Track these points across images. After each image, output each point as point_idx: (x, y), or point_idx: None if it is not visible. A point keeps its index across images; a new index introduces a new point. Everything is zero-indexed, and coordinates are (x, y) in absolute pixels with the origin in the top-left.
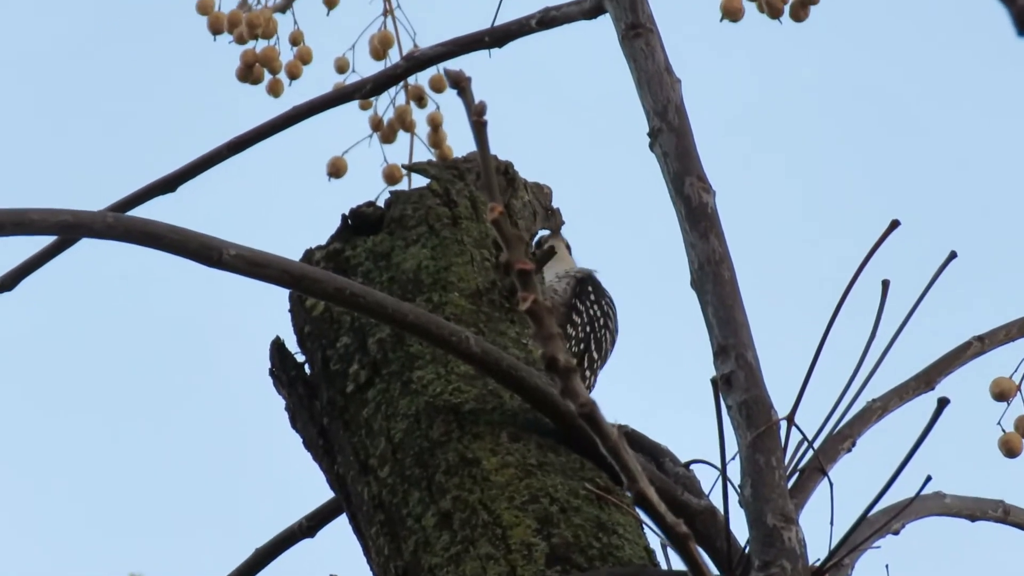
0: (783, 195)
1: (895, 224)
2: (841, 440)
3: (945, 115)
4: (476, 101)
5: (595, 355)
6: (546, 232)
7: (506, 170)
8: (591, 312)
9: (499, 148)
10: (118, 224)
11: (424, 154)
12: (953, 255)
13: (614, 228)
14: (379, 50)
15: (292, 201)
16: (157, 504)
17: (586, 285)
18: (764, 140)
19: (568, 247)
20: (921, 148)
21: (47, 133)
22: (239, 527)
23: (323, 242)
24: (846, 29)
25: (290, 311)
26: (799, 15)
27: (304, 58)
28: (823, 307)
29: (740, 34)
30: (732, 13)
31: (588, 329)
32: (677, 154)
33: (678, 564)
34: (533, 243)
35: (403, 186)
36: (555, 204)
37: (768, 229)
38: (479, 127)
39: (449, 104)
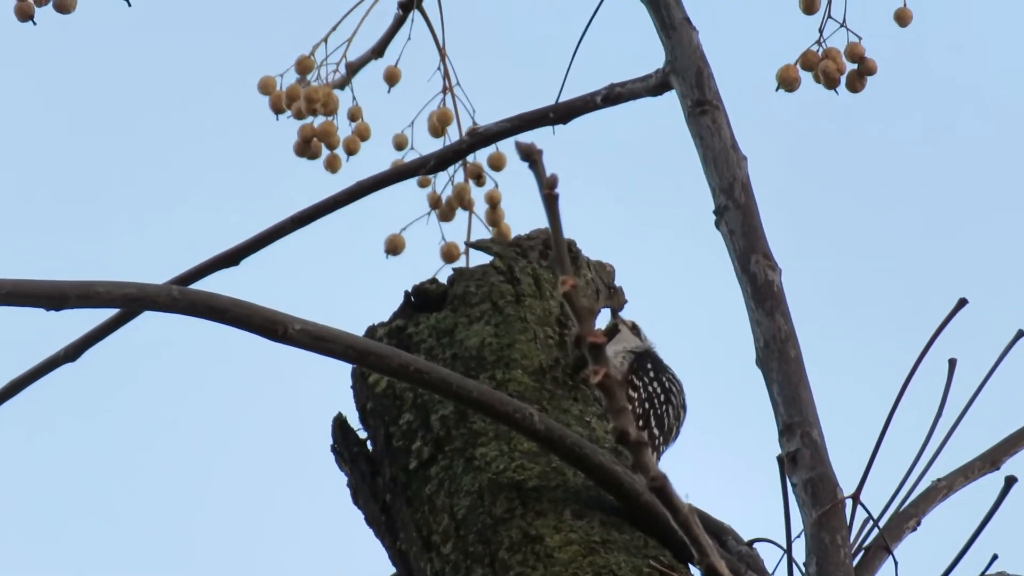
0: (849, 272)
1: (963, 303)
2: (906, 519)
3: (1014, 193)
4: (547, 174)
5: (655, 431)
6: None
7: (569, 248)
8: (649, 388)
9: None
10: (183, 298)
11: (481, 232)
12: (1021, 333)
13: (678, 306)
14: (437, 127)
15: (348, 277)
16: None
17: (644, 361)
18: (830, 216)
19: (635, 327)
20: (989, 226)
21: (111, 206)
22: None
23: (385, 318)
24: (911, 102)
25: (352, 387)
26: (855, 86)
27: (362, 134)
28: (890, 385)
29: (805, 108)
30: (788, 83)
31: (647, 405)
32: (743, 232)
33: None
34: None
35: (460, 264)
36: (618, 282)
37: (834, 306)
38: (551, 200)
39: (507, 182)
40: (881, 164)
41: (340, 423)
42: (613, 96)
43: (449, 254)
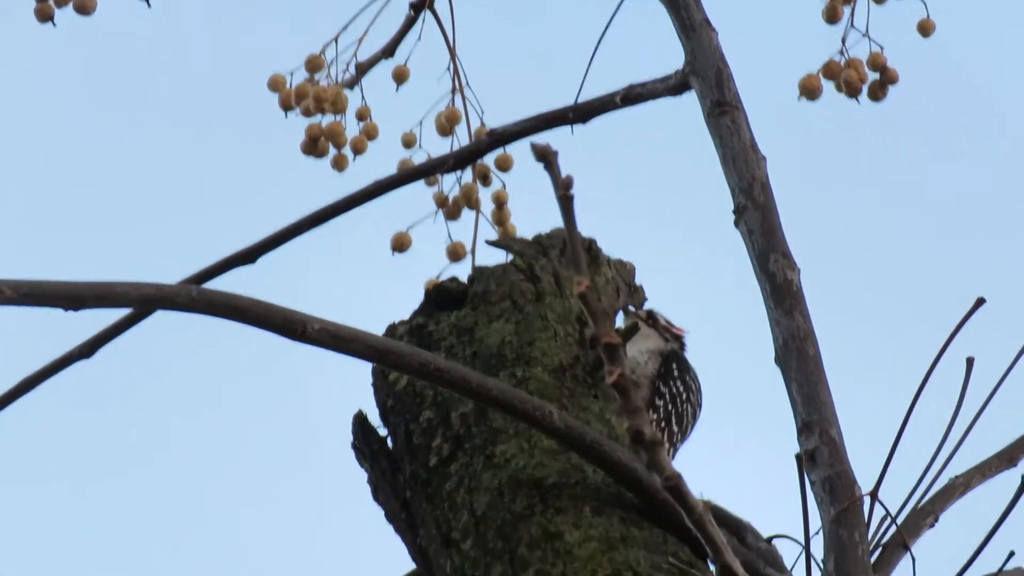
0: (868, 270)
1: (980, 302)
2: (924, 516)
3: None
4: (563, 175)
5: (675, 428)
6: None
7: (589, 247)
8: (674, 389)
9: (582, 225)
10: (201, 298)
11: (488, 231)
12: None
13: (698, 305)
14: (446, 127)
15: (354, 274)
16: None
17: (671, 362)
18: (850, 216)
19: (651, 315)
20: (1007, 225)
21: (125, 203)
22: None
23: (392, 315)
24: (932, 105)
25: (373, 385)
26: (877, 95)
27: (370, 134)
28: (908, 383)
29: (825, 109)
30: (810, 92)
31: (670, 407)
32: (762, 231)
33: None
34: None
35: (467, 263)
36: (638, 281)
37: (853, 305)
38: (566, 201)
39: (514, 182)
40: (900, 164)
41: (361, 420)
42: (632, 96)
43: (455, 253)
